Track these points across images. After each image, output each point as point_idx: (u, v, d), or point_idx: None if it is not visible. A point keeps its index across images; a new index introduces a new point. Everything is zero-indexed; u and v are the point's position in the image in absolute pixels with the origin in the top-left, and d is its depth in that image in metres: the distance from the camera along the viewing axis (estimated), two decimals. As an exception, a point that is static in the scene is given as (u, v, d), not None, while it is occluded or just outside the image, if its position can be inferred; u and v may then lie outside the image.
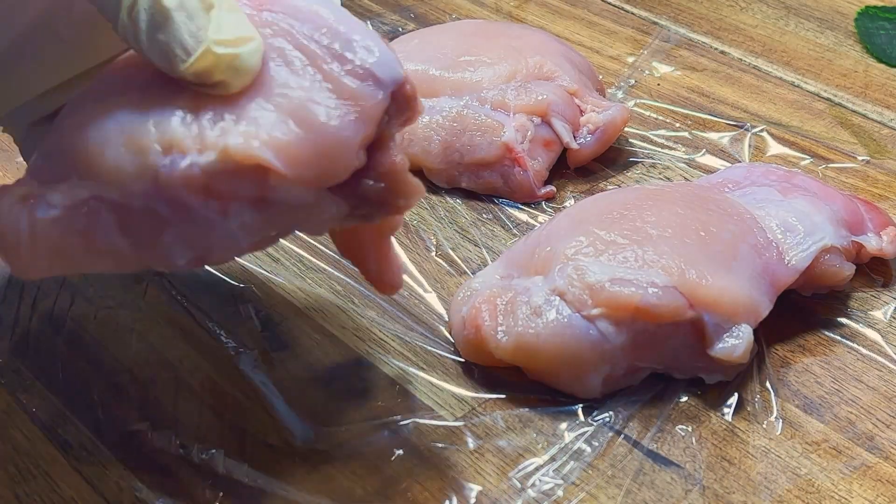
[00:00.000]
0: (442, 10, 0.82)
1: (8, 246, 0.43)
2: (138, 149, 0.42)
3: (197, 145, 0.42)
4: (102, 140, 0.43)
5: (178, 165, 0.42)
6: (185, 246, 0.43)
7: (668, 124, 0.68)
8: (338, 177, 0.43)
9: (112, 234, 0.43)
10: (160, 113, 0.43)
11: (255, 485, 0.46)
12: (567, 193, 0.63)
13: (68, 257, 0.44)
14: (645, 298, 0.48)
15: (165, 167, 0.42)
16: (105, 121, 0.43)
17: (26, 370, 0.51)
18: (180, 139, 0.42)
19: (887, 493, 0.46)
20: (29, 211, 0.43)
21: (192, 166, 0.41)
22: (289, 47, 0.44)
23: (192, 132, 0.42)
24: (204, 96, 0.43)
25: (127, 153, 0.42)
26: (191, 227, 0.43)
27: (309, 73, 0.44)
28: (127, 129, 0.43)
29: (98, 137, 0.43)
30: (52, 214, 0.43)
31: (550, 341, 0.48)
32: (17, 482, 0.46)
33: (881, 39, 0.77)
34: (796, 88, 0.72)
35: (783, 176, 0.57)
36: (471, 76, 0.64)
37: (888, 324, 0.54)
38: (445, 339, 0.53)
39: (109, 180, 0.43)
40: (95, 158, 0.43)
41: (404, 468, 0.46)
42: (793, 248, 0.52)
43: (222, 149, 0.41)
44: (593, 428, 0.48)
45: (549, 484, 0.46)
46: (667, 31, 0.79)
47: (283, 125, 0.42)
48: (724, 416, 0.49)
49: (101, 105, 0.44)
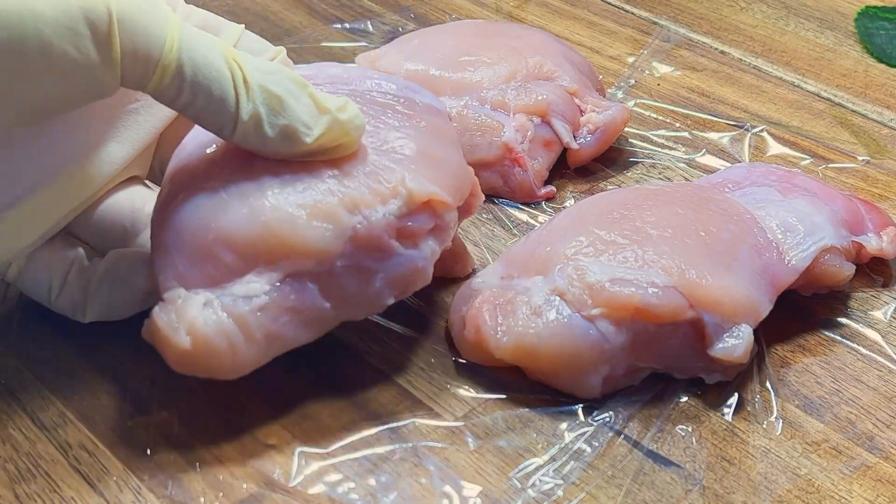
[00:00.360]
0: (442, 10, 0.82)
1: (220, 351, 0.45)
2: (326, 216, 0.45)
3: (377, 198, 0.46)
4: (285, 220, 0.45)
5: (372, 218, 0.46)
6: (393, 286, 0.48)
7: (668, 124, 0.69)
8: (466, 195, 0.51)
9: (318, 300, 0.46)
10: (308, 182, 0.46)
11: (253, 485, 0.46)
12: (567, 193, 0.63)
13: (280, 338, 0.46)
14: (645, 298, 0.48)
15: (361, 223, 0.46)
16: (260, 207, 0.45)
17: (26, 370, 0.51)
18: (359, 197, 0.46)
19: (887, 493, 0.46)
20: (228, 311, 0.45)
21: (385, 216, 0.46)
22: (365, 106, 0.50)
23: (364, 188, 0.46)
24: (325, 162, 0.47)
25: (319, 224, 0.45)
26: (395, 267, 0.47)
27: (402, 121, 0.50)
28: (302, 203, 0.45)
29: (276, 221, 0.45)
30: (259, 303, 0.45)
31: (550, 341, 0.48)
32: (17, 482, 0.46)
33: (881, 39, 0.77)
34: (796, 88, 0.72)
35: (783, 176, 0.57)
36: (471, 76, 0.64)
37: (888, 324, 0.54)
38: (445, 338, 0.53)
39: (306, 254, 0.45)
40: (286, 239, 0.45)
41: (404, 468, 0.46)
42: (793, 248, 0.52)
43: (406, 194, 0.47)
44: (593, 428, 0.48)
45: (550, 484, 0.46)
46: (667, 31, 0.79)
47: (425, 167, 0.48)
48: (724, 416, 0.49)
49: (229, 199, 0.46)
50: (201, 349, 0.44)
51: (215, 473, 0.46)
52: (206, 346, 0.44)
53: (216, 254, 0.45)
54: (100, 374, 0.51)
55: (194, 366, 0.45)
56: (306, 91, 0.45)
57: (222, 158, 0.48)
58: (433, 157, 0.49)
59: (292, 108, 0.45)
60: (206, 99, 0.44)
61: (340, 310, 0.47)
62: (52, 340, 0.53)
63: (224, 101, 0.44)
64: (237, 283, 0.45)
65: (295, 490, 0.46)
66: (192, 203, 0.46)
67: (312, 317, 0.47)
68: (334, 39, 0.77)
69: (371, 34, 0.78)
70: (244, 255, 0.45)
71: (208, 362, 0.45)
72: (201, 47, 0.44)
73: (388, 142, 0.49)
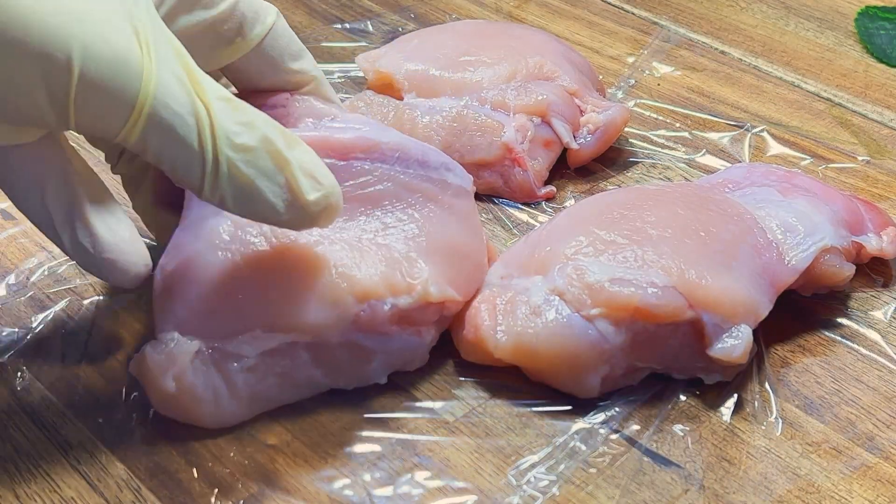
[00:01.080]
0: (442, 10, 0.82)
1: (202, 400, 0.46)
2: (334, 301, 0.46)
3: (389, 291, 0.47)
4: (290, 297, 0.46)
5: (379, 310, 0.47)
6: (388, 366, 0.49)
7: (668, 124, 0.69)
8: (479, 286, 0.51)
9: (309, 368, 0.48)
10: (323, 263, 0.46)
11: (253, 485, 0.46)
12: (567, 193, 0.63)
13: (266, 398, 0.47)
14: (644, 298, 0.48)
15: (365, 311, 0.47)
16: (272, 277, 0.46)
17: (26, 370, 0.51)
18: (371, 289, 0.47)
19: (887, 493, 0.46)
20: (216, 364, 0.46)
21: (392, 308, 0.47)
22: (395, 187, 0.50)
23: (378, 279, 0.47)
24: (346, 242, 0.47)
25: (324, 308, 0.46)
26: (394, 350, 0.49)
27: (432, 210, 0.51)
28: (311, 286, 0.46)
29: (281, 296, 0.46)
30: (247, 364, 0.46)
31: (549, 341, 0.48)
32: (17, 482, 0.46)
33: (881, 39, 0.77)
34: (796, 88, 0.72)
35: (783, 176, 0.57)
36: (471, 76, 0.64)
37: (888, 324, 0.54)
38: (445, 338, 0.53)
39: (305, 331, 0.46)
40: (287, 316, 0.46)
41: (404, 468, 0.47)
42: (793, 248, 0.52)
43: (422, 294, 0.48)
44: (592, 427, 0.48)
45: (545, 481, 0.46)
46: (667, 31, 0.79)
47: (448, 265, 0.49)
48: (723, 416, 0.49)
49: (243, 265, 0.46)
50: (185, 396, 0.46)
51: (215, 473, 0.46)
52: (190, 394, 0.46)
53: (217, 311, 0.46)
54: (100, 374, 0.51)
55: (176, 410, 0.46)
56: (286, 172, 0.42)
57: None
58: (456, 251, 0.50)
59: (260, 196, 0.41)
60: (170, 169, 0.41)
61: (331, 378, 0.49)
62: (53, 340, 0.53)
63: (189, 179, 0.41)
64: (231, 342, 0.46)
65: (295, 490, 0.46)
66: (204, 258, 0.47)
67: (301, 382, 0.48)
68: (334, 39, 0.77)
69: (371, 34, 0.78)
70: (244, 319, 0.46)
71: (190, 410, 0.46)
72: (171, 118, 0.40)
73: (414, 231, 0.50)
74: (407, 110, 0.63)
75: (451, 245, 0.50)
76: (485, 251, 0.53)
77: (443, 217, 0.51)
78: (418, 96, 0.64)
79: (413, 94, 0.64)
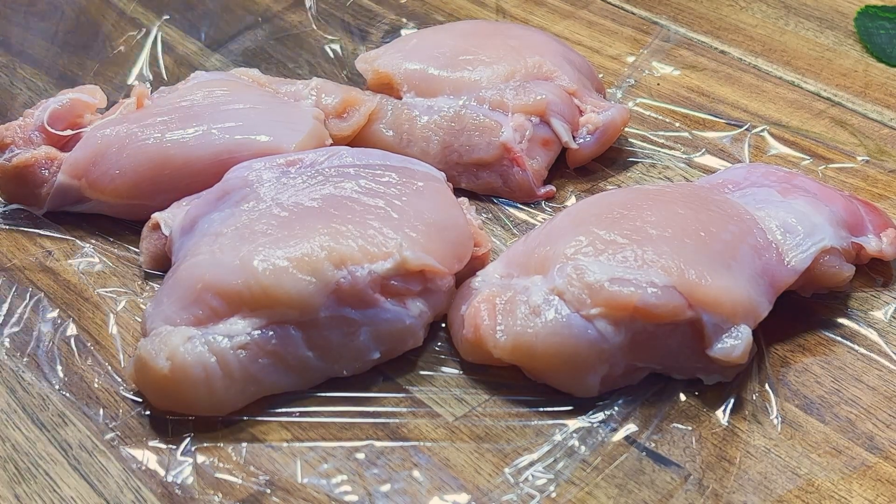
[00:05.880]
0: (442, 10, 0.82)
1: (196, 380, 0.47)
2: (312, 270, 0.48)
3: (366, 257, 0.49)
4: (270, 271, 0.48)
5: (358, 274, 0.48)
6: (378, 342, 0.50)
7: (668, 124, 0.68)
8: (466, 261, 0.52)
9: (301, 348, 0.48)
10: (301, 239, 0.49)
11: (253, 485, 0.46)
12: (567, 193, 0.63)
13: (259, 380, 0.48)
14: (644, 298, 0.48)
15: (346, 278, 0.48)
16: (250, 258, 0.48)
17: (26, 369, 0.51)
18: (348, 254, 0.48)
19: (887, 493, 0.46)
20: (209, 345, 0.47)
21: (371, 273, 0.48)
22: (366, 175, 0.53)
23: (355, 247, 0.49)
24: (322, 222, 0.50)
25: (303, 276, 0.48)
26: (381, 322, 0.49)
27: (402, 188, 0.53)
28: (289, 257, 0.48)
29: (262, 270, 0.48)
30: (239, 342, 0.47)
31: (549, 341, 0.48)
32: (17, 482, 0.46)
33: (881, 39, 0.77)
34: (796, 88, 0.72)
35: (783, 177, 0.57)
36: (469, 75, 0.64)
37: (888, 324, 0.54)
38: (445, 338, 0.53)
39: (289, 304, 0.48)
40: (269, 288, 0.47)
41: (404, 467, 0.47)
42: (792, 249, 0.52)
43: (400, 260, 0.49)
44: (592, 427, 0.48)
45: (542, 479, 0.46)
46: (667, 30, 0.79)
47: (424, 236, 0.50)
48: (723, 416, 0.49)
49: (223, 255, 0.49)
50: (179, 375, 0.46)
51: (215, 473, 0.46)
52: (183, 373, 0.46)
53: (204, 299, 0.48)
54: (100, 374, 0.51)
55: (171, 394, 0.47)
56: None
57: (226, 225, 0.51)
58: (433, 225, 0.51)
59: None
60: None
61: (325, 360, 0.49)
62: (52, 340, 0.53)
63: None
64: (221, 324, 0.47)
65: (295, 489, 0.46)
66: (190, 262, 0.49)
67: (294, 363, 0.48)
68: (334, 39, 0.77)
69: (371, 34, 0.78)
70: (230, 301, 0.48)
71: (185, 391, 0.47)
72: None
73: (388, 208, 0.51)
74: (405, 110, 0.63)
75: (424, 219, 0.51)
76: (466, 226, 0.53)
77: (412, 196, 0.53)
78: (417, 96, 0.64)
79: (412, 94, 0.64)
